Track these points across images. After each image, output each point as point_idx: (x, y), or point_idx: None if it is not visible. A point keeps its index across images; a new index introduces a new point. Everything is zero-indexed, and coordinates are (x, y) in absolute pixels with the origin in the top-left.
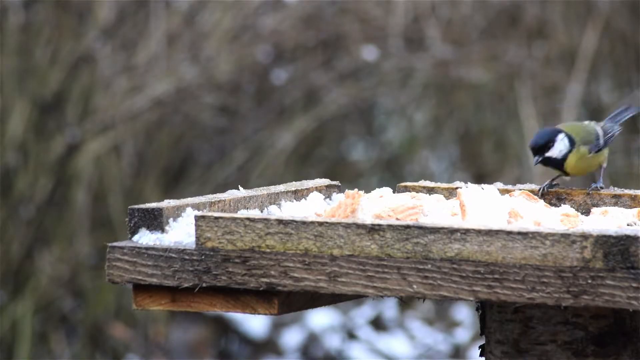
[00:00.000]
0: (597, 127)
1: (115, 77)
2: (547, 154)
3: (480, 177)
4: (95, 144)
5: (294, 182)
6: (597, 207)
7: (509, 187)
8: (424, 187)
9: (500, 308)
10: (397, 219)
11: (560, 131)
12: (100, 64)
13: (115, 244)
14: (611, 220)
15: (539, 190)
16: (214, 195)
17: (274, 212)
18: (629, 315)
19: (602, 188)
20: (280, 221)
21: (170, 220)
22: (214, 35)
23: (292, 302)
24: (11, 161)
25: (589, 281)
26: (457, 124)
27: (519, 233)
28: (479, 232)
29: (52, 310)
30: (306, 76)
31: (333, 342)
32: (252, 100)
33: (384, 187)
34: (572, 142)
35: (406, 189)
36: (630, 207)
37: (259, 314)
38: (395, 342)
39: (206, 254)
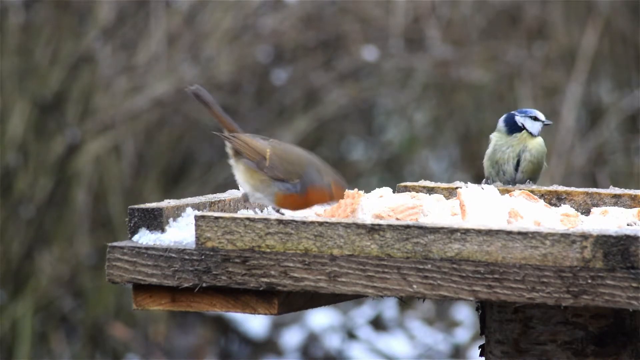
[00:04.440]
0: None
1: (115, 77)
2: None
3: (480, 177)
4: (95, 144)
5: None
6: (597, 207)
7: (509, 187)
8: (424, 187)
9: (500, 308)
10: (397, 219)
11: None
12: (100, 64)
13: (115, 244)
14: (611, 220)
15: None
16: (214, 195)
17: (274, 212)
18: (629, 315)
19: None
20: (280, 221)
21: (170, 220)
22: (214, 35)
23: (292, 302)
24: (11, 161)
25: (589, 281)
26: (457, 124)
27: (519, 233)
28: (479, 232)
29: (52, 310)
30: (306, 76)
31: (333, 342)
32: (252, 100)
33: (384, 187)
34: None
35: (406, 189)
36: (630, 207)
37: (259, 314)
38: (395, 342)
39: (206, 254)
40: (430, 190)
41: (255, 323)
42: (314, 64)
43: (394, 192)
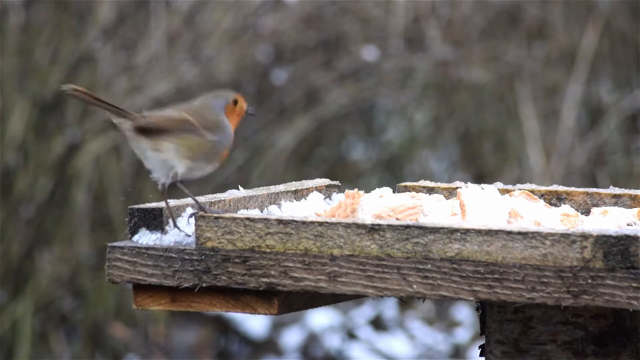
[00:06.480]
0: None
1: (115, 77)
2: None
3: (480, 177)
4: (95, 144)
5: (294, 182)
6: (597, 207)
7: (509, 187)
8: (424, 187)
9: (500, 308)
10: (397, 219)
11: None
12: (100, 64)
13: (115, 244)
14: (611, 220)
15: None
16: (214, 195)
17: (274, 212)
18: (629, 315)
19: None
20: (280, 221)
21: (170, 220)
22: (214, 35)
23: (292, 302)
24: (11, 161)
25: (589, 281)
26: (457, 124)
27: (519, 233)
28: (479, 232)
29: (52, 310)
30: (306, 76)
31: (333, 342)
32: (252, 100)
33: (384, 187)
34: None
35: (406, 189)
36: (630, 207)
37: (259, 314)
38: (395, 342)
39: (206, 254)
40: (430, 190)
41: (255, 323)
42: (314, 64)
43: (394, 192)
